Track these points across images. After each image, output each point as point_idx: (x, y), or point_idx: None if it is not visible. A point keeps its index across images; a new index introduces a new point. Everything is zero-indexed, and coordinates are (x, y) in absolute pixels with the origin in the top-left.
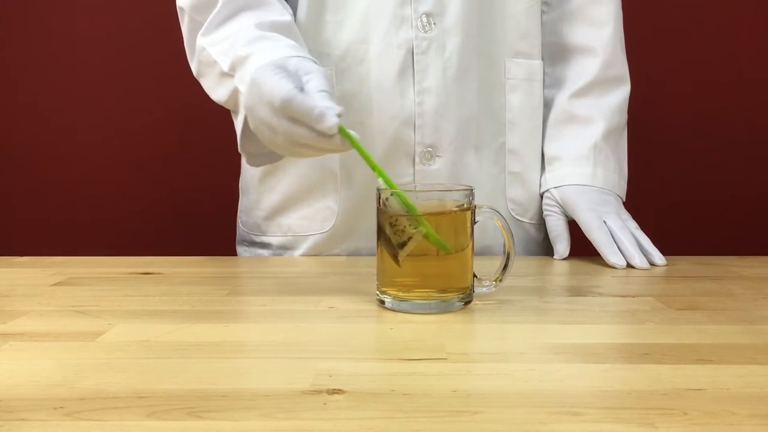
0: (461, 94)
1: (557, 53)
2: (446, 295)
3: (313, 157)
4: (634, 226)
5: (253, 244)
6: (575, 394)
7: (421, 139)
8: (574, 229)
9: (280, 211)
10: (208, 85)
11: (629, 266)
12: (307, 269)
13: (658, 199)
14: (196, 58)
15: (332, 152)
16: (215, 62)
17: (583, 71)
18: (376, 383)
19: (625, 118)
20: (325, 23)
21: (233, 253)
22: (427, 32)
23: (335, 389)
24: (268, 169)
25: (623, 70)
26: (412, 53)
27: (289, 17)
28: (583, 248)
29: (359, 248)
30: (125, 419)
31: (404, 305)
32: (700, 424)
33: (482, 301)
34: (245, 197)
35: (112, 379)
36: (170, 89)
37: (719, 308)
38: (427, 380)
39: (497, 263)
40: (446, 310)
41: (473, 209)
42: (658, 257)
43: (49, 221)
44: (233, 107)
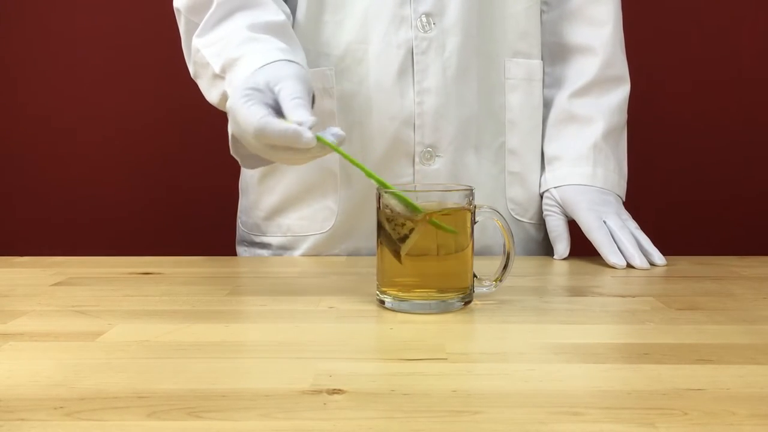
0: (461, 94)
1: (557, 53)
2: (446, 295)
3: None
4: (634, 226)
5: (252, 244)
6: (575, 394)
7: (420, 139)
8: (574, 229)
9: (279, 211)
10: (203, 86)
11: (629, 266)
12: (307, 269)
13: (658, 199)
14: (192, 59)
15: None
16: (208, 64)
17: (582, 71)
18: (376, 383)
19: (624, 117)
20: (324, 23)
21: (233, 253)
22: (426, 32)
23: (335, 389)
24: (267, 169)
25: (623, 69)
26: (411, 53)
27: (283, 17)
28: (583, 248)
29: (359, 248)
30: (125, 419)
31: (404, 305)
32: (700, 424)
33: (482, 301)
34: (245, 197)
35: (112, 379)
36: (170, 89)
37: (719, 308)
38: (427, 380)
39: (497, 263)
40: (446, 310)
41: (473, 209)
42: (658, 257)
43: (49, 221)
44: (225, 109)
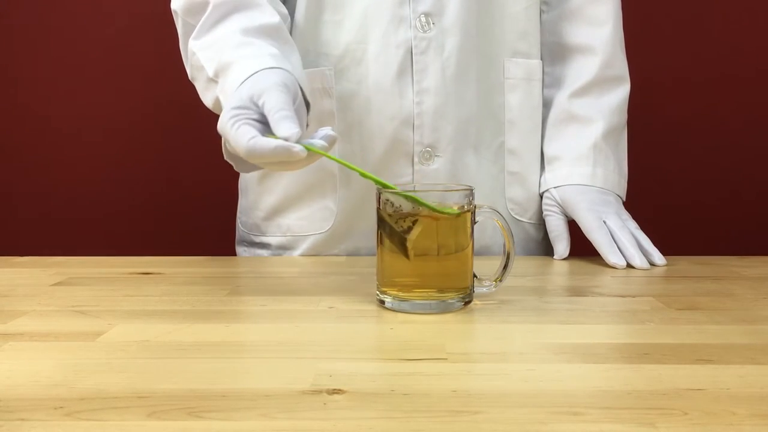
0: (460, 93)
1: (556, 53)
2: (446, 295)
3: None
4: (634, 226)
5: (252, 244)
6: (575, 394)
7: (420, 139)
8: (574, 229)
9: (279, 211)
10: (199, 88)
11: (629, 266)
12: (306, 269)
13: (658, 199)
14: (189, 61)
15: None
16: (203, 67)
17: (582, 71)
18: (376, 383)
19: (625, 117)
20: (323, 23)
21: (233, 253)
22: (425, 32)
23: (335, 389)
24: (266, 170)
25: (623, 69)
26: (410, 53)
27: (278, 18)
28: (583, 248)
29: (358, 248)
30: (125, 419)
31: (404, 305)
32: (700, 424)
33: (482, 301)
34: (244, 198)
35: (112, 379)
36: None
37: (719, 308)
38: (427, 380)
39: (497, 263)
40: (446, 310)
41: (473, 209)
42: (658, 257)
43: (49, 221)
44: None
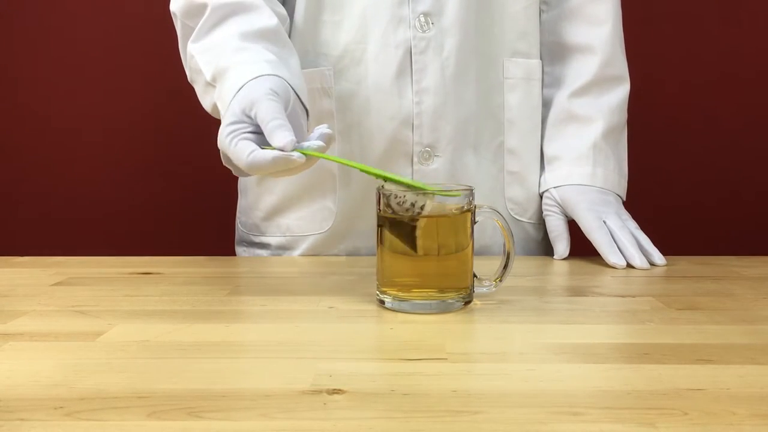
0: (459, 93)
1: (556, 52)
2: (446, 295)
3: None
4: (634, 226)
5: (252, 244)
6: (575, 394)
7: (419, 139)
8: (574, 229)
9: (278, 211)
10: (198, 91)
11: (629, 266)
12: (306, 269)
13: (658, 199)
14: (188, 64)
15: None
16: (201, 71)
17: (582, 70)
18: (376, 383)
19: (624, 117)
20: (322, 23)
21: (233, 253)
22: (425, 32)
23: (335, 389)
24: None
25: (623, 68)
26: (410, 53)
27: (276, 21)
28: (583, 248)
29: (358, 248)
30: (125, 419)
31: (404, 305)
32: (700, 424)
33: (482, 301)
34: (244, 198)
35: (112, 379)
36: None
37: (719, 308)
38: (427, 380)
39: (497, 263)
40: (446, 310)
41: (473, 209)
42: (658, 257)
43: (49, 221)
44: (219, 117)
